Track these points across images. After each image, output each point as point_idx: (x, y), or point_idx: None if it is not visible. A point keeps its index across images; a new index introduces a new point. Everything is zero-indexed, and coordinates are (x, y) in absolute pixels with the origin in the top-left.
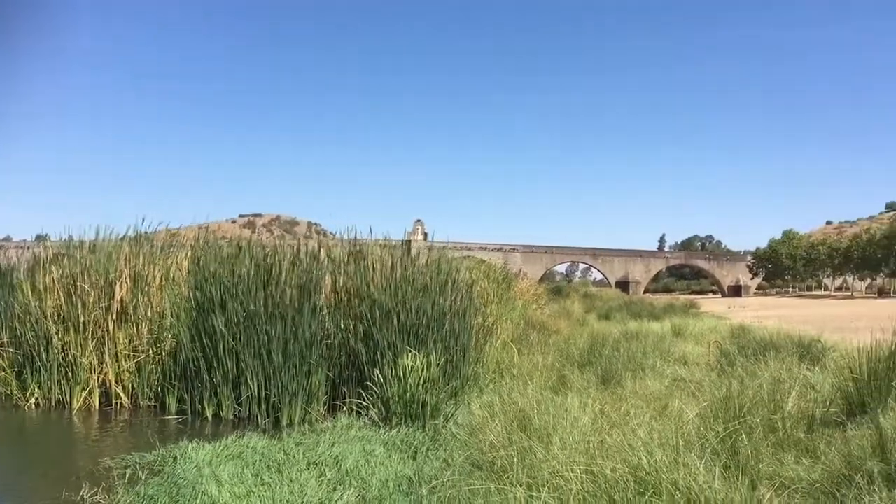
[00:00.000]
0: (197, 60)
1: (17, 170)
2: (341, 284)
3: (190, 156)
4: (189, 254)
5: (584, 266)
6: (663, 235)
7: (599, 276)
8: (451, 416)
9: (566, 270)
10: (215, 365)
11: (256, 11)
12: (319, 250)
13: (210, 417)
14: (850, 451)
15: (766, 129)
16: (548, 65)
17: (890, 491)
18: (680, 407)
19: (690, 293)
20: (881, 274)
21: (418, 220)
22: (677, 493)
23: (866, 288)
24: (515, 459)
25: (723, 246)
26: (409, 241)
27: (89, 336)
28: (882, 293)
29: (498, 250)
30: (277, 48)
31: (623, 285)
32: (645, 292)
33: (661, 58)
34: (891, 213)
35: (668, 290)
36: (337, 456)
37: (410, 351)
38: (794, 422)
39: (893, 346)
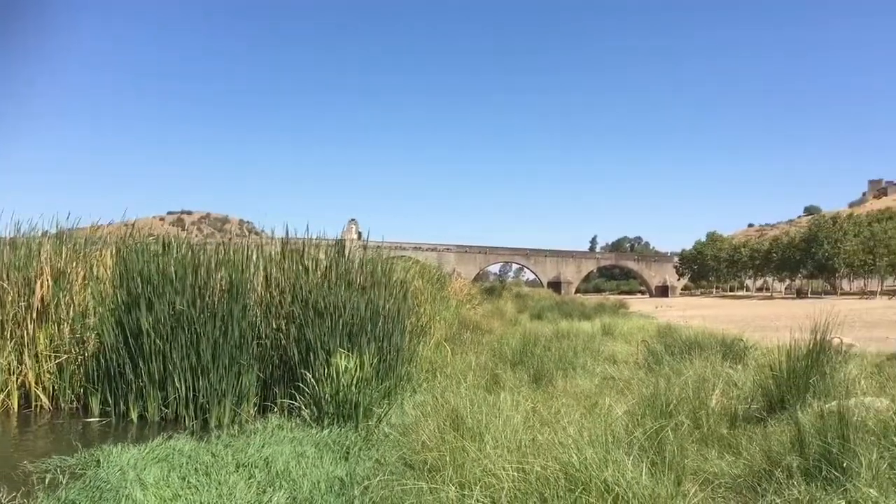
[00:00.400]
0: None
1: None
2: (273, 283)
3: (122, 152)
4: (114, 251)
5: (518, 266)
6: (595, 237)
7: (532, 277)
8: (384, 415)
9: (499, 270)
10: (141, 365)
11: None
12: (250, 248)
13: (135, 420)
14: (770, 447)
15: (693, 135)
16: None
17: (808, 484)
18: (609, 405)
19: (620, 293)
20: (799, 275)
21: (352, 220)
22: (606, 489)
23: (785, 289)
24: (448, 458)
25: (651, 247)
26: (343, 241)
27: (7, 336)
28: (800, 294)
29: (432, 250)
30: (209, 45)
31: (555, 285)
32: (576, 292)
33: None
34: (809, 217)
35: (598, 290)
36: (267, 457)
37: (343, 351)
38: (717, 418)
39: (811, 345)
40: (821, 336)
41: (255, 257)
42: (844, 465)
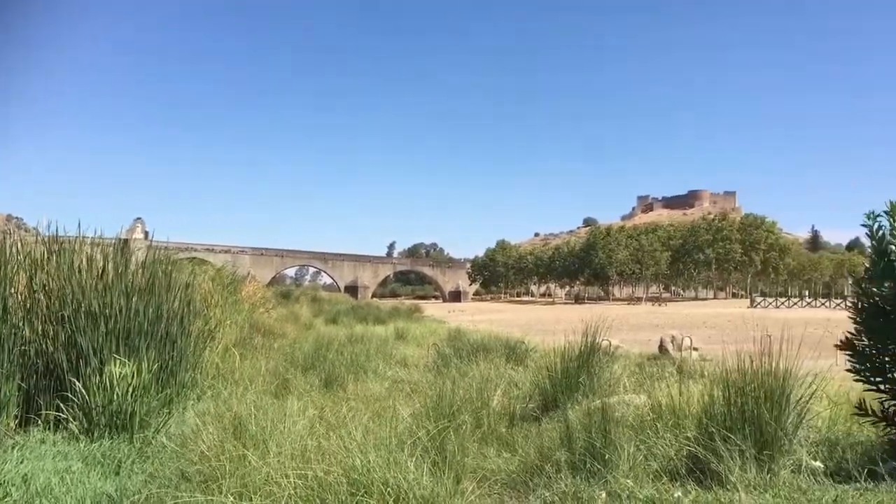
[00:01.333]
0: None
1: None
2: (40, 285)
3: None
4: None
5: (315, 270)
6: (393, 242)
7: (329, 281)
8: (163, 425)
9: (296, 274)
10: None
11: None
12: (13, 246)
13: None
14: (543, 443)
15: (490, 147)
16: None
17: (574, 477)
18: (396, 407)
19: (415, 298)
20: (578, 282)
21: (138, 218)
22: (388, 490)
23: (565, 295)
24: (228, 467)
25: (446, 254)
26: (127, 240)
27: None
28: (578, 300)
29: (226, 252)
30: None
31: (352, 289)
32: (373, 297)
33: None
34: (587, 228)
35: (395, 295)
36: (26, 474)
37: (119, 357)
38: (498, 417)
39: (582, 347)
40: (591, 338)
41: (18, 256)
42: (606, 457)
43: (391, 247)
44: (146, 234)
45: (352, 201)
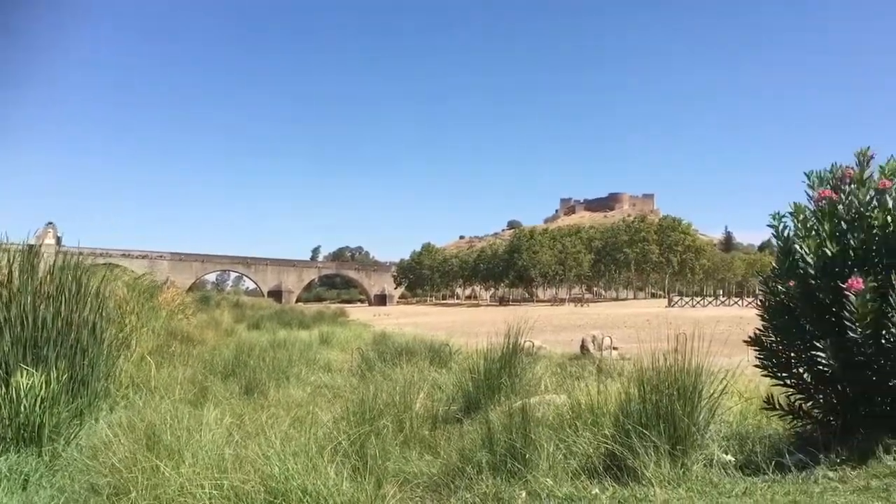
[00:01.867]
0: None
1: None
2: None
3: None
4: None
5: (237, 275)
6: (318, 246)
7: (253, 286)
8: (74, 437)
9: (217, 279)
10: None
11: None
12: None
13: None
14: (465, 445)
15: (411, 147)
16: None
17: (495, 478)
18: (316, 413)
19: (341, 302)
20: (503, 284)
21: (50, 223)
22: (306, 498)
23: (490, 297)
24: (140, 479)
25: (371, 257)
26: (35, 246)
27: None
28: (503, 301)
29: (143, 258)
30: None
31: (276, 294)
32: (298, 301)
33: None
34: (511, 230)
35: (320, 299)
36: None
37: (27, 368)
38: (421, 421)
39: (505, 348)
40: (514, 340)
41: None
42: (526, 457)
43: (316, 251)
44: (58, 239)
45: (275, 205)
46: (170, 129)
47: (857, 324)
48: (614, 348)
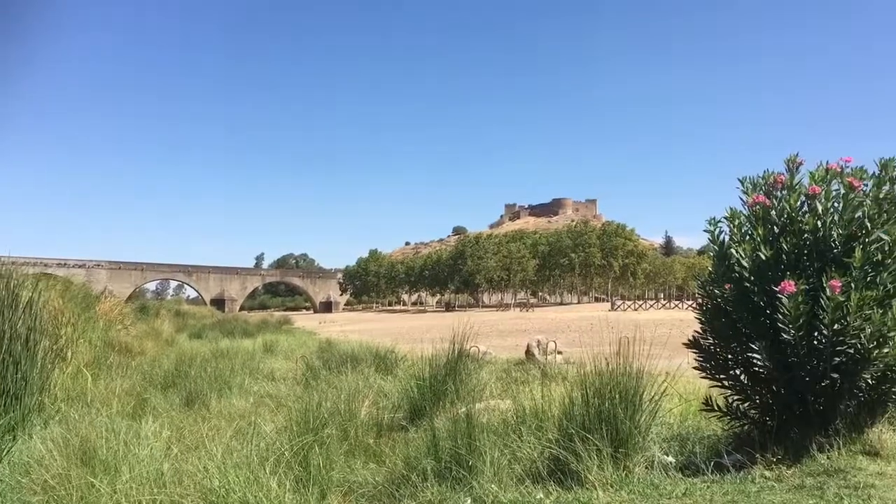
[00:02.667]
0: None
1: None
2: None
3: None
4: None
5: (178, 283)
6: (262, 254)
7: (195, 294)
8: (5, 454)
9: (157, 288)
10: None
11: None
12: None
13: None
14: (410, 453)
15: (357, 154)
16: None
17: (440, 486)
18: (259, 423)
19: (285, 309)
20: (449, 290)
21: None
22: None
23: (436, 303)
24: (75, 496)
25: (317, 264)
26: None
27: None
28: (449, 307)
29: (80, 266)
30: None
31: (219, 303)
32: (241, 310)
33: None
34: (457, 236)
35: (264, 307)
36: None
37: None
38: (366, 429)
39: (450, 354)
40: (459, 346)
41: None
42: (471, 464)
43: (259, 258)
44: None
45: (218, 212)
46: (105, 135)
47: (790, 325)
48: (559, 352)
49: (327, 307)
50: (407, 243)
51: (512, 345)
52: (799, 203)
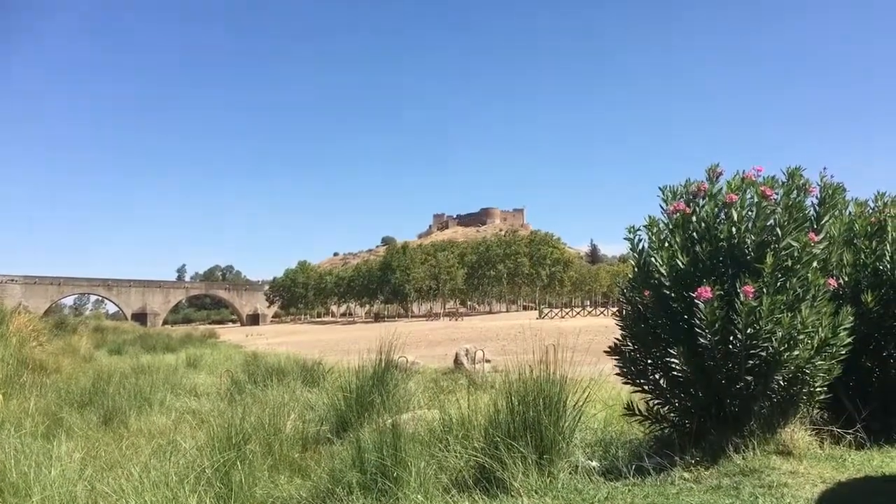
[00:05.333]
0: None
1: None
2: None
3: None
4: None
5: (97, 298)
6: (184, 265)
7: (115, 309)
8: None
9: (76, 303)
10: None
11: None
12: None
13: None
14: (335, 466)
15: (283, 167)
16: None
17: (366, 498)
18: (177, 440)
19: (211, 323)
20: (378, 300)
21: None
22: None
23: (365, 314)
24: None
25: (243, 276)
26: None
27: None
28: (378, 318)
29: None
30: None
31: (140, 317)
32: (164, 324)
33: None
34: (385, 247)
35: (188, 321)
36: None
37: None
38: (291, 443)
39: (377, 365)
40: (386, 356)
41: None
42: (397, 475)
43: (181, 270)
44: None
45: (138, 224)
46: (23, 144)
47: (706, 330)
48: (487, 361)
49: (254, 320)
50: (336, 254)
51: (441, 354)
52: (716, 211)
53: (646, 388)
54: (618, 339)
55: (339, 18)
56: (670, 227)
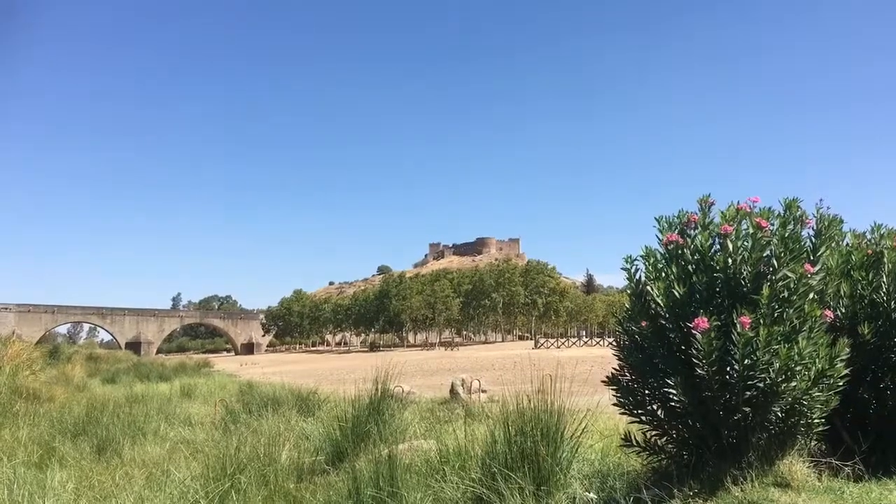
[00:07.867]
0: None
1: None
2: None
3: None
4: None
5: (91, 326)
6: (178, 294)
7: (109, 337)
8: None
9: (69, 331)
10: None
11: None
12: None
13: None
14: (331, 497)
15: (276, 194)
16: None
17: None
18: (171, 470)
19: (205, 352)
20: (374, 329)
21: None
22: None
23: (361, 343)
24: None
25: (239, 305)
26: None
27: None
28: (373, 347)
29: None
30: None
31: (135, 346)
32: (159, 352)
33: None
34: (381, 276)
35: (183, 350)
36: None
37: None
38: (286, 473)
39: (373, 395)
40: (382, 386)
41: None
42: None
43: (176, 299)
44: None
45: (133, 251)
46: (11, 171)
47: (703, 361)
48: (483, 391)
49: (249, 349)
50: (331, 283)
51: (437, 384)
52: (710, 242)
53: (643, 418)
54: (615, 369)
55: (337, 44)
56: (666, 257)
